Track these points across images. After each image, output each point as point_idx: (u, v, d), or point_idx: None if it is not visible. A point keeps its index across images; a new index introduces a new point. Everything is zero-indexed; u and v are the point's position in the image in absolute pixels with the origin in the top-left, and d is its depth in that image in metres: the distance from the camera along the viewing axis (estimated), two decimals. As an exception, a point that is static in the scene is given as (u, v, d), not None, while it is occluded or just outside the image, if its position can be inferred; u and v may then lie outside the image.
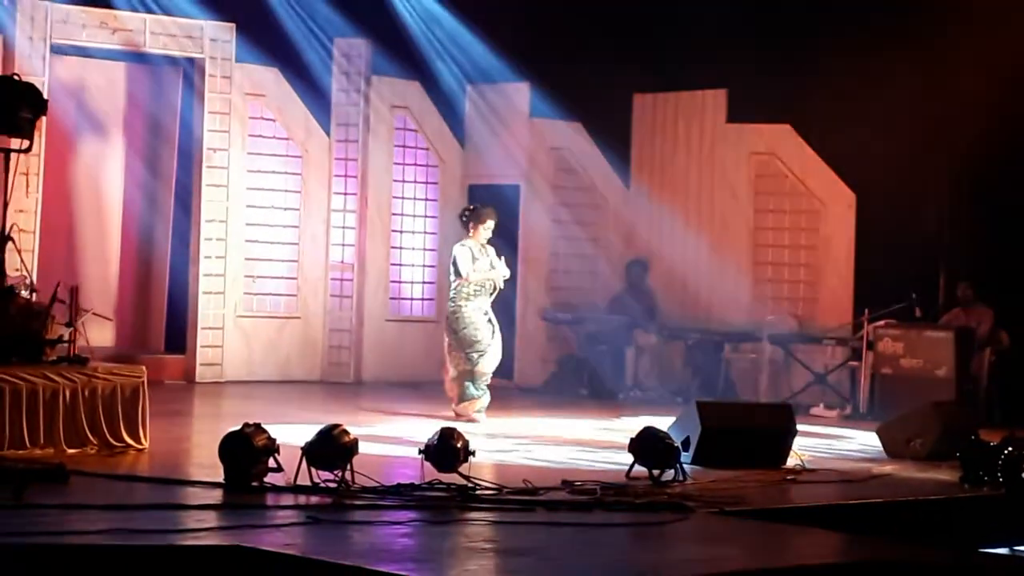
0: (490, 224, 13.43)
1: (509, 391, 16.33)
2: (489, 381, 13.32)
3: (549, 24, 17.05)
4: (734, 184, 17.00)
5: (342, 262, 16.81)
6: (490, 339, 13.24)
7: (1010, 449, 10.12)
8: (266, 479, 8.80)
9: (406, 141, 17.26)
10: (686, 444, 10.42)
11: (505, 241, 16.76)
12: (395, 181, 17.14)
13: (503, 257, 13.46)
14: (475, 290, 13.25)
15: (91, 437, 9.99)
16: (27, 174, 14.32)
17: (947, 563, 7.97)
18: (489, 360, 13.25)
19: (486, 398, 13.23)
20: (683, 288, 17.26)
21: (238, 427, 8.97)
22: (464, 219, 13.55)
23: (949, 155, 16.15)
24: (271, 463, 8.85)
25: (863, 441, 12.72)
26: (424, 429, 10.81)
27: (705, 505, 8.78)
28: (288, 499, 8.54)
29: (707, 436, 10.56)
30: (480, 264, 13.29)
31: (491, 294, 13.35)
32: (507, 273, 13.50)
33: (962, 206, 16.11)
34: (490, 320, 13.29)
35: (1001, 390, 14.90)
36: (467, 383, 13.21)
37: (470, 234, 13.40)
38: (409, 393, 15.53)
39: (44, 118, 9.61)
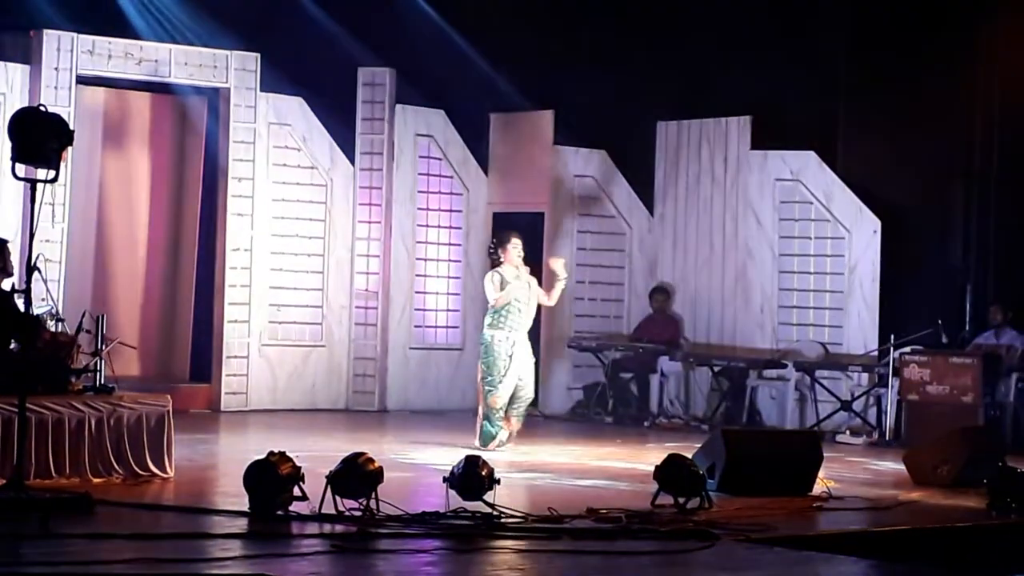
0: (516, 243, 13.22)
1: (534, 419, 16.31)
2: (503, 415, 12.96)
3: (572, 51, 17.06)
4: (758, 211, 16.97)
5: (366, 290, 16.81)
6: (503, 374, 12.96)
7: (1037, 476, 10.08)
8: (291, 508, 8.80)
9: (430, 169, 17.27)
10: (712, 472, 10.39)
11: (529, 269, 16.76)
12: (419, 209, 17.15)
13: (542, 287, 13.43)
14: (501, 318, 13.04)
15: (117, 466, 10.01)
16: (53, 204, 14.38)
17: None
18: (500, 395, 12.95)
19: (503, 433, 13.02)
20: (708, 315, 17.24)
21: (263, 456, 8.98)
22: (491, 251, 13.43)
23: (975, 180, 16.10)
24: (296, 492, 8.85)
25: (890, 468, 12.66)
26: (449, 457, 10.81)
27: (731, 533, 8.74)
28: (313, 528, 8.53)
29: (733, 463, 10.52)
30: (512, 287, 13.07)
31: (522, 320, 13.04)
32: (545, 299, 13.27)
33: (988, 231, 16.05)
34: (511, 355, 12.98)
35: (1028, 417, 14.82)
36: (484, 421, 13.01)
37: (503, 261, 13.32)
38: (434, 421, 15.52)
39: (70, 148, 9.64)
